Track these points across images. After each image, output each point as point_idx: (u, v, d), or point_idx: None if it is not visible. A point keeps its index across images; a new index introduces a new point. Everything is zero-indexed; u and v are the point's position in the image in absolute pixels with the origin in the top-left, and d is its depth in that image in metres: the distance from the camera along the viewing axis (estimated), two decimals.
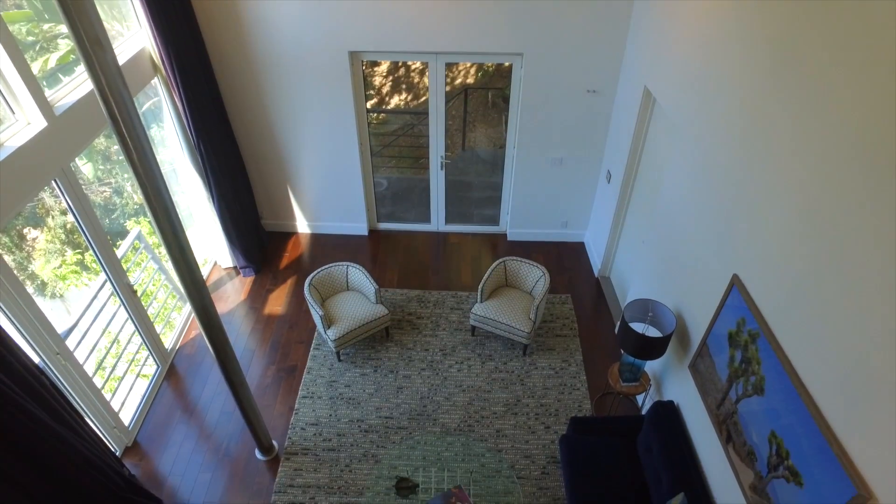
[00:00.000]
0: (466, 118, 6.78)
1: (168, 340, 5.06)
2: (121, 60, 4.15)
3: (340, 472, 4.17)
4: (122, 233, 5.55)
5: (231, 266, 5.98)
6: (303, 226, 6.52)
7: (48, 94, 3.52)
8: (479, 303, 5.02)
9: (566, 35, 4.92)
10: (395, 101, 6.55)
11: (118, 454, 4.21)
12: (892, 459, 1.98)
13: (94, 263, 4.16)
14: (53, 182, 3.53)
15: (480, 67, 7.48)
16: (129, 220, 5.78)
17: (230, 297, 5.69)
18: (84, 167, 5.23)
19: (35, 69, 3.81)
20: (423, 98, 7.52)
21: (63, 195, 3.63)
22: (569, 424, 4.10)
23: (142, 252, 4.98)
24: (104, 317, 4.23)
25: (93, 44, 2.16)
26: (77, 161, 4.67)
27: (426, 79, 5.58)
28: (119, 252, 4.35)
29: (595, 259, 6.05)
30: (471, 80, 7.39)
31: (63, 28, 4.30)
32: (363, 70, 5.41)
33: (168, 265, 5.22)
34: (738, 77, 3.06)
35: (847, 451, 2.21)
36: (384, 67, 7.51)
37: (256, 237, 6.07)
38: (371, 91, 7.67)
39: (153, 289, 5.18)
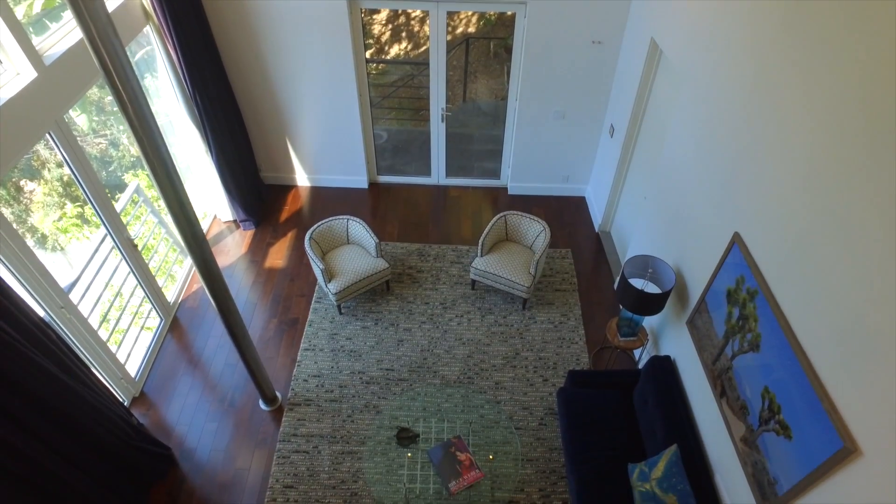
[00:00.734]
0: (468, 69, 6.62)
1: (170, 294, 5.10)
2: (109, 7, 4.01)
3: (342, 423, 4.28)
4: (121, 186, 5.52)
5: (231, 219, 5.97)
6: (302, 179, 6.46)
7: (36, 43, 3.42)
8: (480, 257, 5.03)
9: None
10: (395, 51, 6.37)
11: (126, 404, 4.31)
12: (879, 415, 2.03)
13: (95, 217, 4.14)
14: (48, 135, 3.47)
15: (482, 16, 7.24)
16: (127, 174, 5.73)
17: (231, 251, 5.71)
18: (78, 119, 5.14)
19: (19, 14, 3.68)
20: (424, 48, 7.32)
21: (58, 148, 3.58)
22: (566, 377, 4.18)
23: (141, 206, 4.95)
24: (106, 270, 4.25)
25: None
26: (70, 113, 4.58)
27: (427, 27, 5.42)
28: (118, 206, 4.33)
29: (596, 214, 6.03)
30: (472, 30, 7.17)
31: None
32: (362, 18, 5.24)
33: (168, 219, 5.20)
34: (748, 31, 2.96)
35: (836, 407, 2.27)
36: (383, 15, 7.26)
37: (255, 190, 6.03)
38: (370, 40, 7.45)
39: (154, 242, 5.18)
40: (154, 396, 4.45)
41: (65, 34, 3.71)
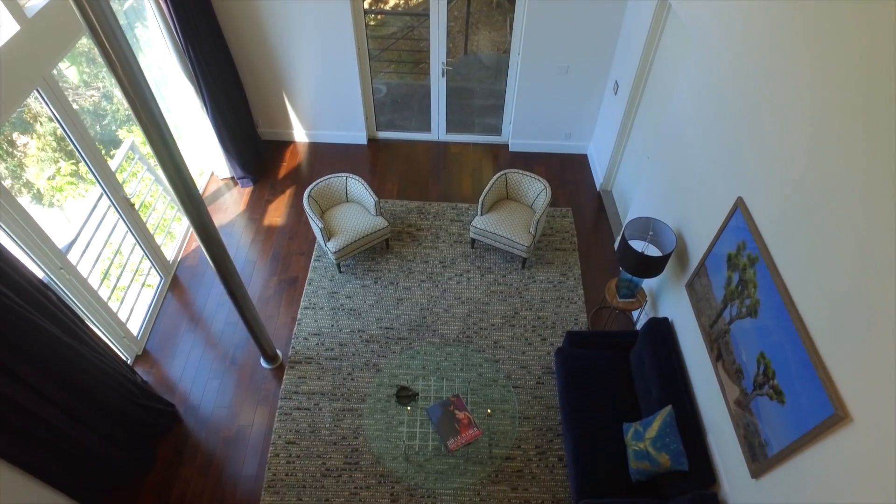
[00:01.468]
0: (469, 19, 6.38)
1: (169, 252, 5.09)
2: None
3: (343, 381, 4.35)
4: (116, 142, 5.41)
5: (228, 176, 5.89)
6: (300, 135, 6.35)
7: None
8: (480, 216, 5.00)
9: None
10: (394, 1, 6.14)
11: (130, 363, 4.37)
12: (871, 384, 2.05)
13: (90, 174, 4.08)
14: (36, 92, 3.37)
15: None
16: (122, 129, 5.62)
17: (229, 209, 5.66)
18: (68, 71, 4.99)
19: None
20: None
21: (48, 106, 3.49)
22: (565, 338, 4.23)
23: (137, 162, 4.88)
24: (104, 229, 4.22)
25: None
26: (60, 65, 4.45)
27: None
28: (113, 164, 4.27)
29: (598, 172, 5.95)
30: None
31: None
32: None
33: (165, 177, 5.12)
34: None
35: (831, 374, 2.29)
36: None
37: (253, 146, 5.93)
38: None
39: (151, 200, 5.13)
40: (157, 354, 4.51)
41: None
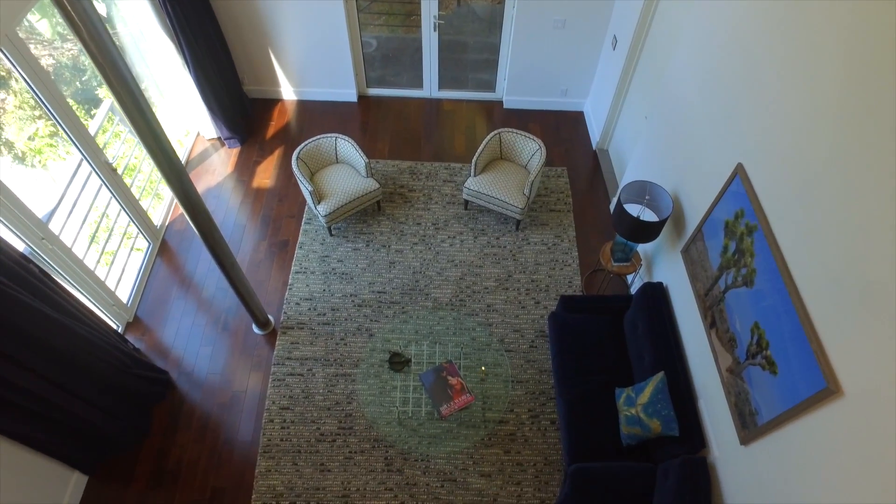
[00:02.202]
0: None
1: (157, 217, 4.99)
2: None
3: (336, 346, 4.35)
4: (96, 101, 5.21)
5: (215, 137, 5.73)
6: (288, 92, 6.14)
7: None
8: (473, 177, 4.89)
9: None
10: None
11: (121, 330, 4.34)
12: (864, 359, 2.04)
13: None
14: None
15: None
16: (102, 87, 5.40)
17: (216, 170, 5.53)
18: (39, 24, 4.75)
19: None
20: None
21: (15, 66, 3.31)
22: (558, 302, 4.20)
23: (119, 123, 4.71)
24: (88, 193, 4.10)
25: None
26: (31, 17, 4.24)
27: None
28: (92, 128, 4.11)
29: (594, 130, 5.81)
30: None
31: None
32: None
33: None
34: None
35: (824, 348, 2.27)
36: None
37: (239, 105, 5.74)
38: None
39: (136, 162, 4.99)
40: (148, 321, 4.47)
41: None
